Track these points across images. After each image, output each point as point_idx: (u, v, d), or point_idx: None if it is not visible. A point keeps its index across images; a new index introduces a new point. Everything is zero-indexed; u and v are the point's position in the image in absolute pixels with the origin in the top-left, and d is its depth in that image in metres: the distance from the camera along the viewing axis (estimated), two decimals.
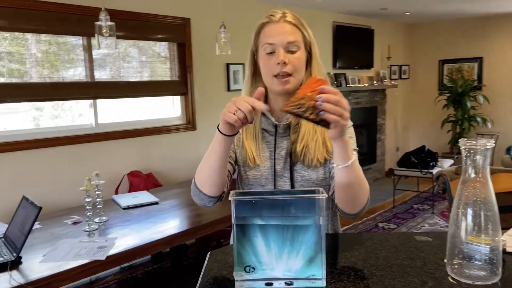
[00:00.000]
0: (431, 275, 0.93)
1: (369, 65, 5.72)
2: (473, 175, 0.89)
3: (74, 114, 3.12)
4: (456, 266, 0.92)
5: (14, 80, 2.73)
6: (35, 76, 2.82)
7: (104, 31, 2.22)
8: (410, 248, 1.08)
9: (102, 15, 2.23)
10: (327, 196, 0.87)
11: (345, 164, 1.02)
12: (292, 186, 1.21)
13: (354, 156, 1.04)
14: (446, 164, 4.92)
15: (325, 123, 0.92)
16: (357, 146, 1.22)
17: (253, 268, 0.89)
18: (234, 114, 0.97)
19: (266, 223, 0.89)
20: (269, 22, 1.20)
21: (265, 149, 1.24)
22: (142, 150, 3.32)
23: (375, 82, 5.78)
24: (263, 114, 1.23)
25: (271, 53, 1.17)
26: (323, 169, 1.21)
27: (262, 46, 1.19)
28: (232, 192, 0.90)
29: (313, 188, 0.94)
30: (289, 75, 1.16)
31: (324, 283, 0.89)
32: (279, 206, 0.90)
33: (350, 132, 1.22)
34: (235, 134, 1.06)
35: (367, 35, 5.67)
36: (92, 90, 3.09)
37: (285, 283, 0.90)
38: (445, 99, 5.79)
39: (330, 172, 1.21)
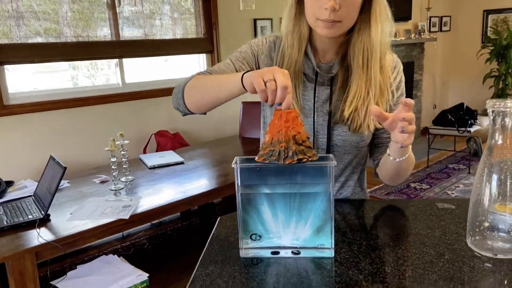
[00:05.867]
0: (449, 246, 0.87)
1: (406, 17, 5.39)
2: (500, 141, 0.80)
3: (109, 74, 3.14)
4: (477, 238, 0.85)
5: (39, 40, 2.74)
6: (62, 35, 2.82)
7: None
8: (430, 216, 1.02)
9: None
10: (335, 163, 0.82)
11: (401, 158, 0.98)
12: (328, 145, 1.12)
13: (410, 148, 0.97)
14: (485, 122, 4.68)
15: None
16: None
17: (260, 236, 0.87)
18: (265, 82, 0.84)
19: (272, 191, 0.85)
20: None
21: (304, 98, 1.11)
22: (169, 109, 3.32)
23: (413, 35, 5.47)
24: (305, 53, 1.09)
25: None
26: (367, 134, 1.11)
27: None
28: (235, 158, 0.86)
29: (322, 155, 0.89)
30: (337, 21, 0.98)
31: (332, 253, 0.85)
32: (286, 174, 0.86)
33: (401, 89, 1.13)
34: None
35: None
36: (117, 49, 3.07)
37: (292, 252, 0.87)
38: (488, 52, 5.42)
39: (377, 144, 1.15)
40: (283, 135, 0.81)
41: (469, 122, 4.41)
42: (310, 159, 0.82)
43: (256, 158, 0.85)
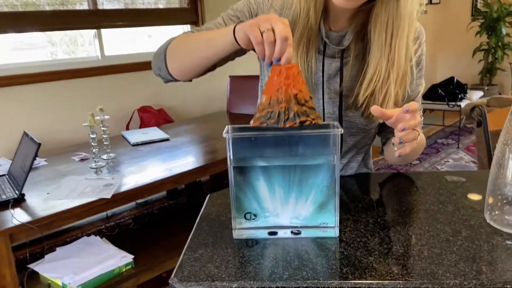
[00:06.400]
0: (465, 222, 0.78)
1: None
2: None
3: (89, 50, 2.97)
4: (497, 213, 0.77)
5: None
6: (39, 8, 2.63)
7: None
8: (440, 190, 0.93)
9: None
10: (342, 131, 0.72)
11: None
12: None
13: (420, 131, 0.84)
14: (475, 96, 4.63)
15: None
16: None
17: (255, 215, 0.77)
18: (261, 33, 0.71)
19: (269, 164, 0.75)
20: None
21: (313, 71, 0.95)
22: (152, 84, 3.17)
23: None
24: None
25: None
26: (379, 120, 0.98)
27: None
28: (227, 127, 0.75)
29: (326, 122, 0.78)
30: None
31: (337, 233, 0.76)
32: (285, 144, 0.76)
33: (422, 64, 0.99)
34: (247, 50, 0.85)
35: None
36: (95, 19, 2.89)
37: (292, 232, 0.77)
38: (478, 25, 5.34)
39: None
40: (282, 94, 0.70)
41: (459, 96, 4.36)
42: (314, 122, 0.72)
43: (252, 121, 0.74)
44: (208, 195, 0.96)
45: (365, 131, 1.00)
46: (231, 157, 0.74)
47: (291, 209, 0.76)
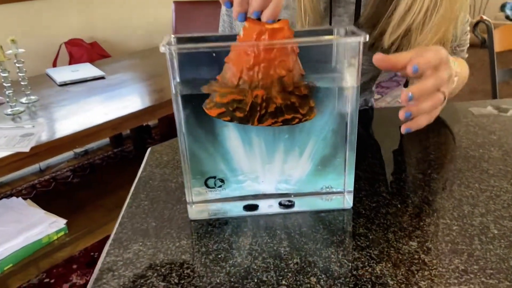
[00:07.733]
0: None
1: None
2: None
3: None
4: None
5: None
6: None
7: None
8: (469, 127, 0.69)
9: None
10: (367, 38, 0.42)
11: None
12: None
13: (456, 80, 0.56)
14: None
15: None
16: None
17: (222, 181, 0.48)
18: None
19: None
20: None
21: None
22: (82, 12, 2.68)
23: None
24: None
25: None
26: None
27: None
28: (167, 36, 0.44)
29: (325, 27, 0.49)
30: None
31: (350, 202, 0.50)
32: None
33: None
34: None
35: None
36: None
37: (280, 203, 0.50)
38: None
39: None
40: (260, 74, 0.40)
41: None
42: (304, 119, 0.43)
43: (206, 107, 0.43)
44: (149, 149, 0.66)
45: (378, 68, 0.72)
46: (178, 93, 0.44)
47: (278, 169, 0.48)
